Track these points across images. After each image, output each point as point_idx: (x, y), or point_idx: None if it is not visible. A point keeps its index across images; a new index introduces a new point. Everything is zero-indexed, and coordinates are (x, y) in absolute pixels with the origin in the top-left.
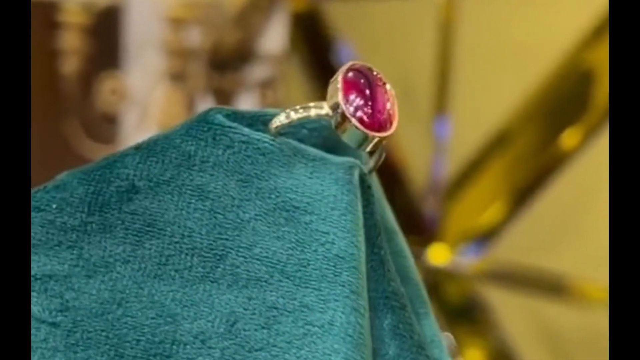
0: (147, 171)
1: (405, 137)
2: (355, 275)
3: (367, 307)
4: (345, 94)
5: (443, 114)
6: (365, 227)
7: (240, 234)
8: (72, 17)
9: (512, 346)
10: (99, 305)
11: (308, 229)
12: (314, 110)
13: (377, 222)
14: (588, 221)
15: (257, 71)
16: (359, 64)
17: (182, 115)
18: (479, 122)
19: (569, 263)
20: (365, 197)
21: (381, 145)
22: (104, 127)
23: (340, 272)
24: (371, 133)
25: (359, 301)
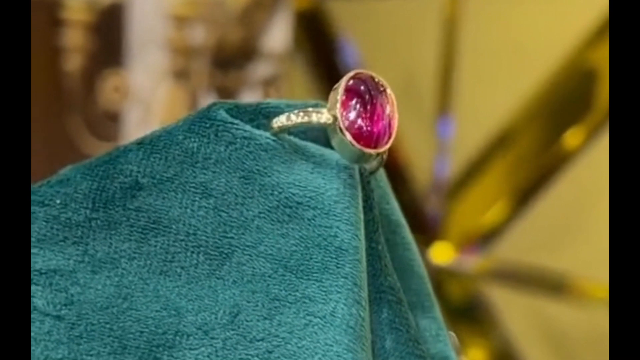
0: (151, 168)
1: (408, 136)
2: (357, 268)
3: (368, 300)
4: (345, 106)
5: (446, 114)
6: (364, 221)
7: (245, 232)
8: (75, 15)
9: (514, 345)
10: (104, 299)
11: (312, 224)
12: (314, 116)
13: (376, 218)
14: (590, 220)
15: (260, 69)
16: (361, 72)
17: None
18: (482, 121)
19: (572, 262)
20: (365, 192)
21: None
22: (107, 124)
23: (343, 265)
24: (366, 150)
25: (361, 293)
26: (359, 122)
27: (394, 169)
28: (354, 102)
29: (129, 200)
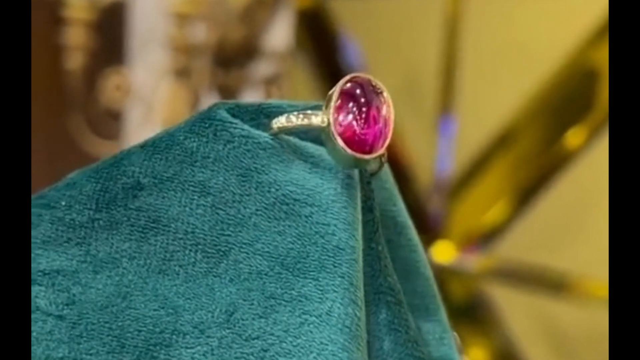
0: (152, 168)
1: (410, 135)
2: (354, 268)
3: (364, 300)
4: (339, 110)
5: (448, 113)
6: (363, 222)
7: (242, 229)
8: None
9: (515, 343)
10: (104, 299)
11: (309, 222)
12: (313, 118)
13: (376, 218)
14: (591, 219)
15: (262, 68)
16: (358, 76)
17: (186, 112)
18: (484, 120)
19: (573, 261)
20: (365, 192)
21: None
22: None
23: (340, 264)
24: (358, 155)
25: (357, 293)
26: (353, 126)
27: (395, 168)
28: (349, 106)
29: (130, 200)
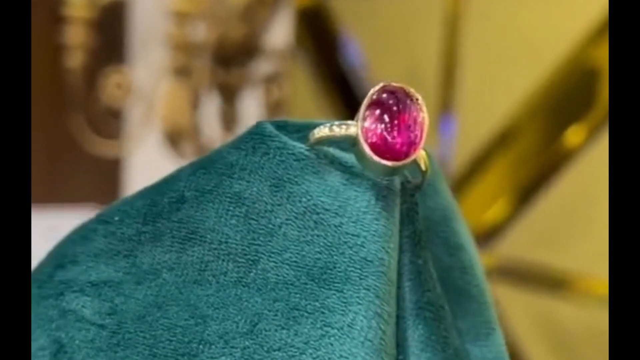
0: (196, 182)
1: None
2: (381, 280)
3: (394, 314)
4: (368, 118)
5: (449, 111)
6: (403, 235)
7: (272, 239)
8: (77, 12)
9: (516, 341)
10: (142, 309)
11: (338, 232)
12: (344, 129)
13: (417, 231)
14: (592, 218)
15: (262, 67)
16: (391, 84)
17: (186, 111)
18: (484, 119)
19: (573, 260)
20: (407, 205)
21: (422, 160)
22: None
23: (367, 276)
24: (385, 162)
25: (384, 307)
26: (382, 134)
27: None
28: (379, 114)
29: (173, 213)
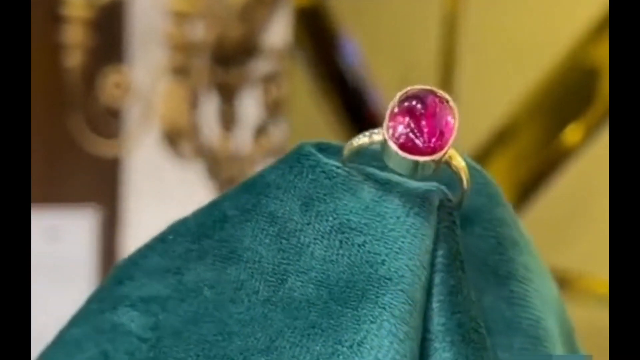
0: (237, 201)
1: None
2: (400, 299)
3: (414, 334)
4: (395, 119)
5: None
6: (438, 254)
7: (300, 258)
8: (75, 11)
9: None
10: (181, 325)
11: (361, 250)
12: (374, 136)
13: (453, 251)
14: (591, 216)
15: (261, 66)
16: (418, 87)
17: (185, 110)
18: (482, 117)
19: (572, 258)
20: (445, 223)
21: (463, 173)
22: (108, 121)
23: (384, 294)
24: (410, 157)
25: (400, 326)
26: (408, 134)
27: None
28: (405, 118)
29: (217, 232)
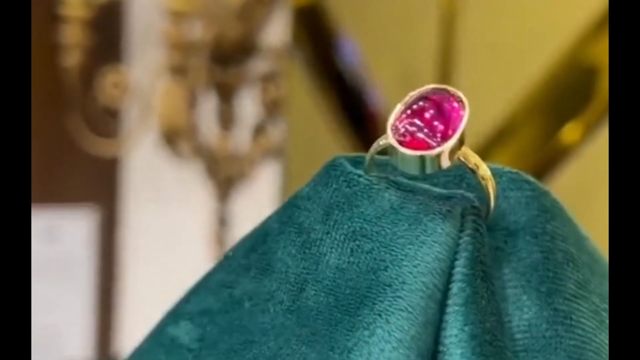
0: (279, 215)
1: None
2: (397, 306)
3: (414, 342)
4: (400, 119)
5: None
6: (457, 264)
7: (317, 267)
8: (73, 11)
9: None
10: (218, 335)
11: (368, 258)
12: (382, 141)
13: (474, 260)
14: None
15: (259, 65)
16: (423, 88)
17: (183, 110)
18: (481, 115)
19: None
20: (468, 231)
21: (490, 184)
22: (107, 121)
23: (381, 301)
24: (410, 152)
25: (394, 333)
26: (413, 132)
27: None
28: (411, 119)
29: (260, 246)
